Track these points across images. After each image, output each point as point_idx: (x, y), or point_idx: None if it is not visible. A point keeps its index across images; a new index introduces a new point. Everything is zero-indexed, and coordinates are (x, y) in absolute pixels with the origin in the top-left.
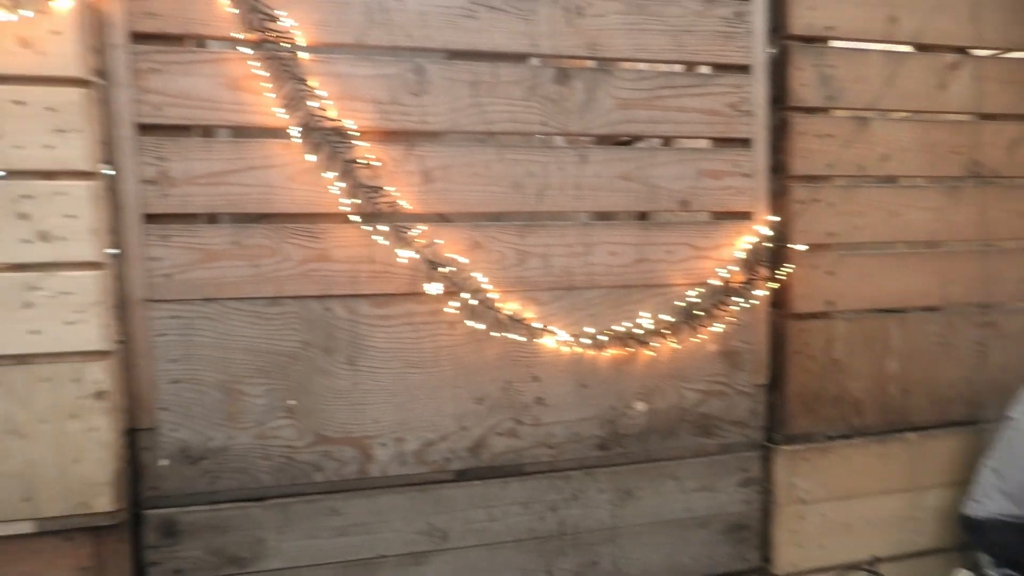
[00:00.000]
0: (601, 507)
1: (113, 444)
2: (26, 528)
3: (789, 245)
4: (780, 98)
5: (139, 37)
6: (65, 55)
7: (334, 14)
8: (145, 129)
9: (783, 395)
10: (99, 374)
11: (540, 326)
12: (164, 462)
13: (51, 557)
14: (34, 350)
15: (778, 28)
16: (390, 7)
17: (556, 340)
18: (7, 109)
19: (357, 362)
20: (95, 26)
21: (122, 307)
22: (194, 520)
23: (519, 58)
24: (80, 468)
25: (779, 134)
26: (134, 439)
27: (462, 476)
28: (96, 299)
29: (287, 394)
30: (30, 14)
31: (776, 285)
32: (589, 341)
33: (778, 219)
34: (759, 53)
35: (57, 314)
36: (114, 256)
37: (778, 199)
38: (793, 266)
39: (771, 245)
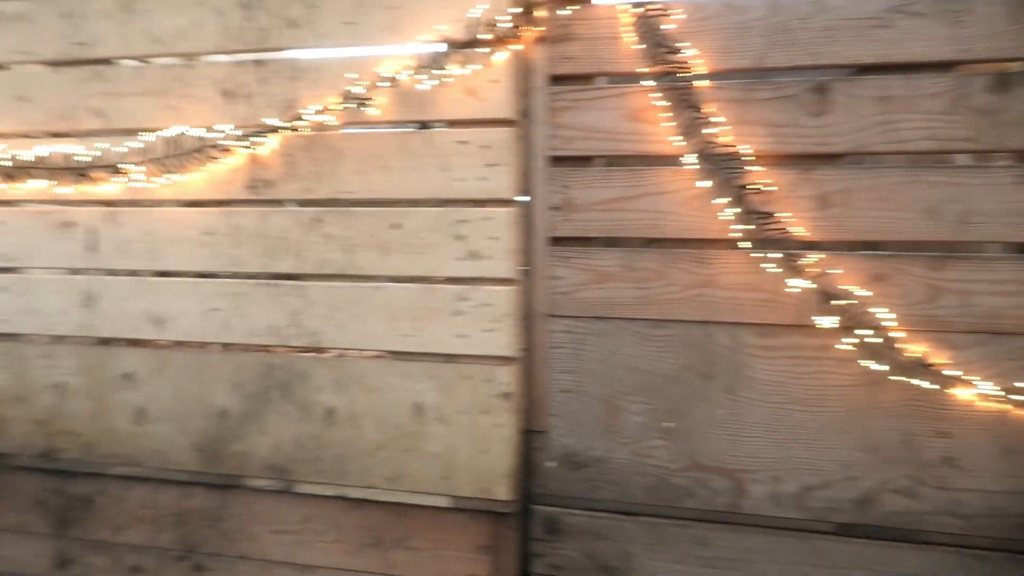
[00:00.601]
0: None
1: (513, 441)
2: (443, 502)
3: None
4: None
5: (555, 79)
6: (499, 100)
7: (734, 40)
8: (555, 161)
9: None
10: (507, 377)
11: (954, 374)
12: (552, 464)
13: (458, 531)
14: (460, 351)
15: None
16: (793, 27)
17: (975, 393)
18: (454, 148)
19: (736, 392)
20: (522, 73)
21: (527, 319)
22: (574, 522)
23: (942, 67)
24: (486, 458)
25: None
26: (528, 439)
27: (845, 530)
28: (509, 311)
29: (664, 415)
30: (479, 67)
31: None
32: (1022, 398)
33: None
34: None
35: (479, 322)
36: (524, 274)
37: None
38: None
39: None
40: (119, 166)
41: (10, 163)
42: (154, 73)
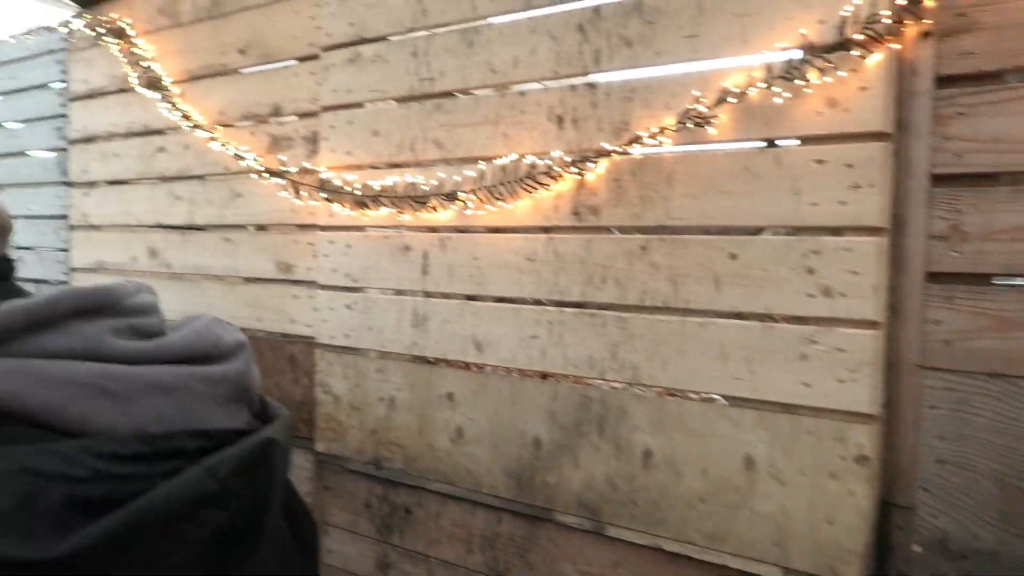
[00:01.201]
0: None
1: (868, 514)
2: (773, 572)
3: None
4: None
5: (945, 81)
6: (869, 110)
7: None
8: (940, 180)
9: None
10: (863, 438)
11: None
12: (917, 548)
13: None
14: (803, 402)
15: None
16: None
17: None
18: (808, 168)
19: None
20: (899, 76)
21: (892, 371)
22: None
23: None
24: (832, 530)
25: None
26: (887, 514)
27: None
28: (869, 359)
29: None
30: (844, 74)
31: None
32: None
33: None
34: None
35: (829, 370)
36: (891, 316)
37: None
38: None
39: None
40: (458, 194)
41: (360, 192)
42: (489, 102)
